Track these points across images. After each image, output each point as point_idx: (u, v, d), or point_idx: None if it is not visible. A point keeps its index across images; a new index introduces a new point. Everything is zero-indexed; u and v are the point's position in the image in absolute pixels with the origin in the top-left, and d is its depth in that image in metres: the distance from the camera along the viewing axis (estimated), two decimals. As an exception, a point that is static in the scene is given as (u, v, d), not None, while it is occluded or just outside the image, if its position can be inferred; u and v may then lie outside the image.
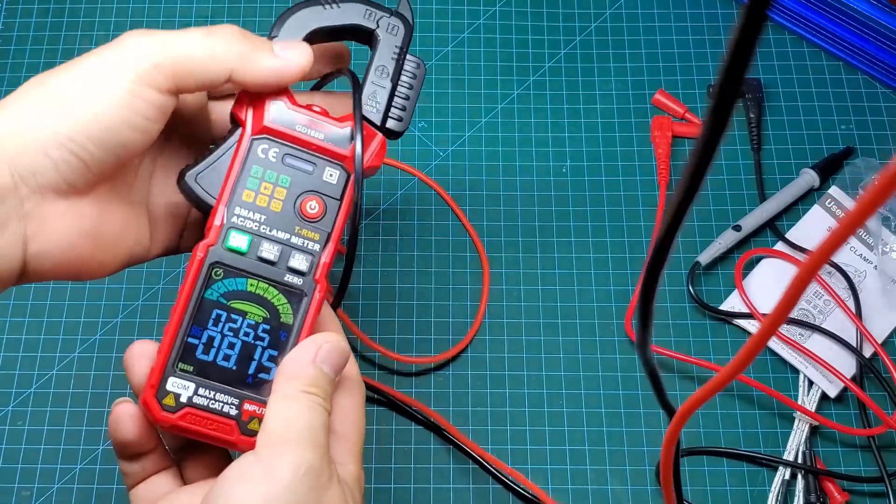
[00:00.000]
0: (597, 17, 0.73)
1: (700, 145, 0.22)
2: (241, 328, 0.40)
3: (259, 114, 0.41)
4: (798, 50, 0.71)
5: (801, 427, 0.59)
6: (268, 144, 0.42)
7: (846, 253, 0.64)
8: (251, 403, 0.40)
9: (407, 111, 0.45)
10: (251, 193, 0.41)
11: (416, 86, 0.45)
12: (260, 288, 0.41)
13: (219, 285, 0.40)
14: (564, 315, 0.62)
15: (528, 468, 0.58)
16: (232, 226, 0.41)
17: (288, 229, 0.41)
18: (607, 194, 0.66)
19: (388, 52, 0.45)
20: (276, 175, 0.41)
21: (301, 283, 0.41)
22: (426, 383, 0.60)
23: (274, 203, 0.41)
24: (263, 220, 0.41)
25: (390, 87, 0.44)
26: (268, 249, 0.41)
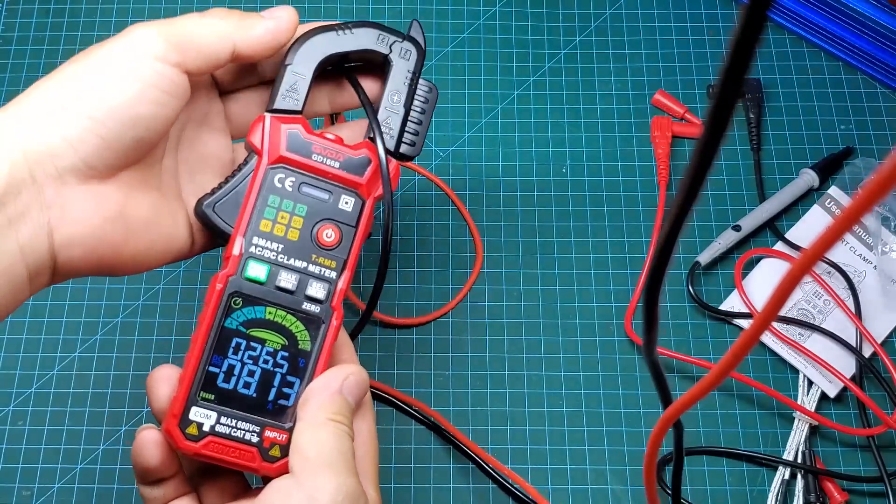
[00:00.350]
0: (597, 17, 0.73)
1: (700, 146, 0.22)
2: (261, 356, 0.41)
3: (275, 142, 0.42)
4: (798, 50, 0.71)
5: (801, 427, 0.59)
6: (284, 173, 0.42)
7: (846, 253, 0.64)
8: (272, 430, 0.41)
9: (420, 136, 0.46)
10: (268, 223, 0.42)
11: (429, 110, 0.46)
12: (278, 315, 0.41)
13: (238, 314, 0.41)
14: (564, 315, 0.63)
15: (528, 468, 0.58)
16: (250, 255, 0.41)
17: (305, 258, 0.42)
18: (607, 194, 0.66)
19: (401, 77, 0.45)
20: (292, 204, 0.42)
21: (318, 310, 0.42)
22: (426, 383, 0.60)
23: (291, 232, 0.42)
24: (281, 250, 0.42)
25: (403, 112, 0.45)
26: (286, 279, 0.41)
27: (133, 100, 0.38)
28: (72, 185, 0.38)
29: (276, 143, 0.42)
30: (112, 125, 0.38)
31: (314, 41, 0.44)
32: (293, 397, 0.41)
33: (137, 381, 0.60)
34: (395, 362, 0.61)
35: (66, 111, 0.38)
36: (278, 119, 0.43)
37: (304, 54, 0.44)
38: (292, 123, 0.43)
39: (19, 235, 0.37)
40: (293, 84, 0.43)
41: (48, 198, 0.37)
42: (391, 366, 0.61)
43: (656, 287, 0.27)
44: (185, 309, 0.62)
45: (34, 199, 0.37)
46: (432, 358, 0.61)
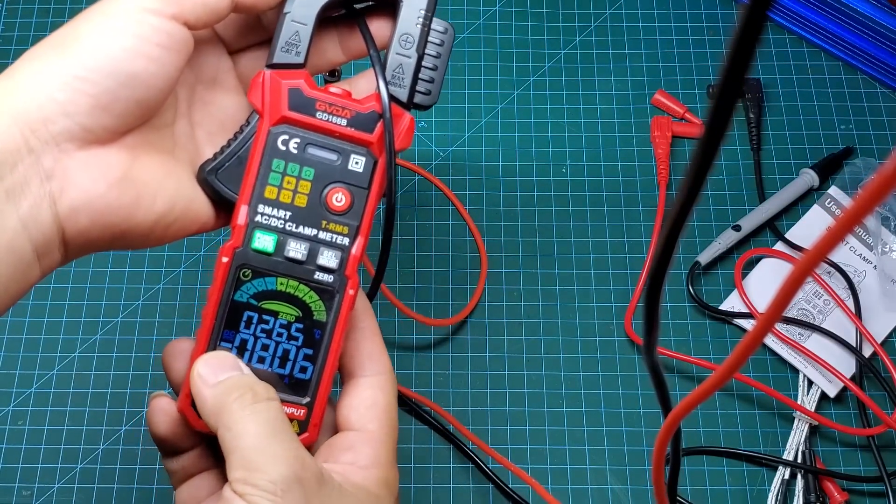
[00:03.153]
0: (597, 17, 0.73)
1: (701, 146, 0.22)
2: (275, 329, 0.39)
3: (276, 100, 0.39)
4: (798, 50, 0.71)
5: (801, 427, 0.59)
6: (288, 134, 0.39)
7: (846, 253, 0.64)
8: (289, 406, 0.39)
9: (435, 83, 0.42)
10: (274, 189, 0.39)
11: (445, 54, 0.42)
12: (290, 286, 0.39)
13: (248, 286, 0.39)
14: (564, 315, 0.63)
15: (528, 468, 0.58)
16: (256, 225, 0.39)
17: (315, 224, 0.39)
18: (607, 194, 0.66)
19: (413, 17, 0.41)
20: (298, 167, 0.39)
21: (332, 280, 0.39)
22: (426, 383, 0.60)
23: (298, 198, 0.39)
24: (288, 217, 0.39)
25: (416, 57, 0.41)
26: (295, 248, 0.39)
27: (124, 55, 0.36)
28: (70, 152, 0.36)
29: (277, 102, 0.39)
30: (103, 83, 0.36)
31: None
32: (311, 370, 0.39)
33: (137, 381, 0.60)
34: (394, 362, 0.61)
35: (54, 73, 0.36)
36: (279, 74, 0.40)
37: (303, 1, 0.40)
38: (294, 79, 0.40)
39: (20, 209, 0.35)
40: (293, 35, 0.40)
41: (47, 167, 0.35)
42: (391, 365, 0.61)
43: (657, 290, 0.27)
44: (185, 309, 0.62)
45: (32, 169, 0.35)
46: (432, 358, 0.61)
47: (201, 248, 0.64)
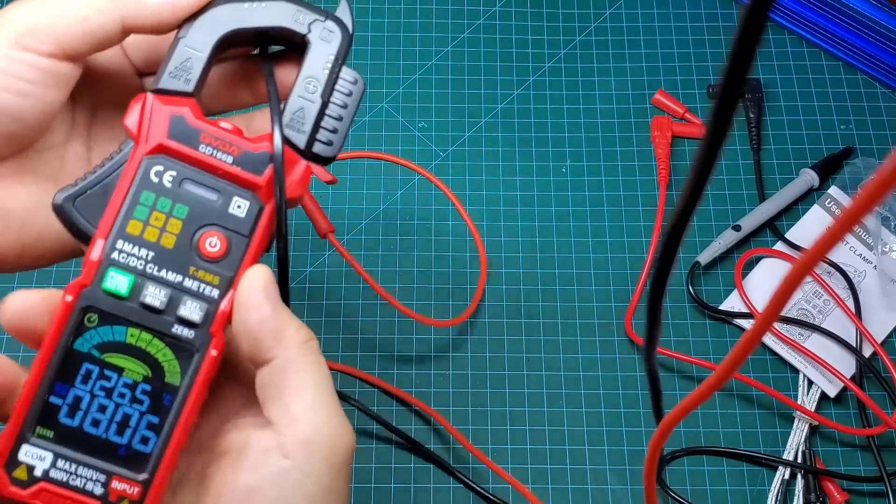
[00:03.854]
0: (597, 17, 0.73)
1: (703, 147, 0.22)
2: (117, 388, 0.34)
3: (155, 127, 0.35)
4: (798, 50, 0.71)
5: (801, 427, 0.59)
6: (163, 165, 0.35)
7: (846, 253, 0.64)
8: (121, 481, 0.33)
9: (339, 133, 0.37)
10: (138, 224, 0.34)
11: (352, 105, 0.38)
12: (142, 339, 0.34)
13: (91, 334, 0.34)
14: (564, 315, 0.63)
15: (528, 468, 0.58)
16: (112, 263, 0.34)
17: (181, 270, 0.34)
18: (607, 194, 0.66)
19: (321, 61, 0.37)
20: (170, 203, 0.35)
21: (192, 336, 0.34)
22: (426, 383, 0.60)
23: (165, 237, 0.34)
24: (151, 258, 0.34)
25: (320, 103, 0.37)
26: (153, 294, 0.34)
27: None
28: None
29: (156, 128, 0.35)
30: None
31: (216, 13, 0.37)
32: (153, 443, 0.34)
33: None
34: (394, 362, 0.61)
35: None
36: (162, 100, 0.35)
37: (201, 27, 0.36)
38: (179, 106, 0.35)
39: None
40: (185, 61, 0.36)
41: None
42: (391, 366, 0.61)
43: (659, 293, 0.27)
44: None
45: None
46: (432, 358, 0.61)
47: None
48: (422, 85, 0.70)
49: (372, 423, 0.59)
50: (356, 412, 0.59)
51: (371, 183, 0.66)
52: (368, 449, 0.58)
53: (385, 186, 0.66)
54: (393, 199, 0.66)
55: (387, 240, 0.64)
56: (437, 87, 0.70)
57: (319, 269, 0.63)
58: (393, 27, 0.72)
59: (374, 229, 0.65)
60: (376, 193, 0.66)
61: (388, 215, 0.65)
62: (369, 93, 0.69)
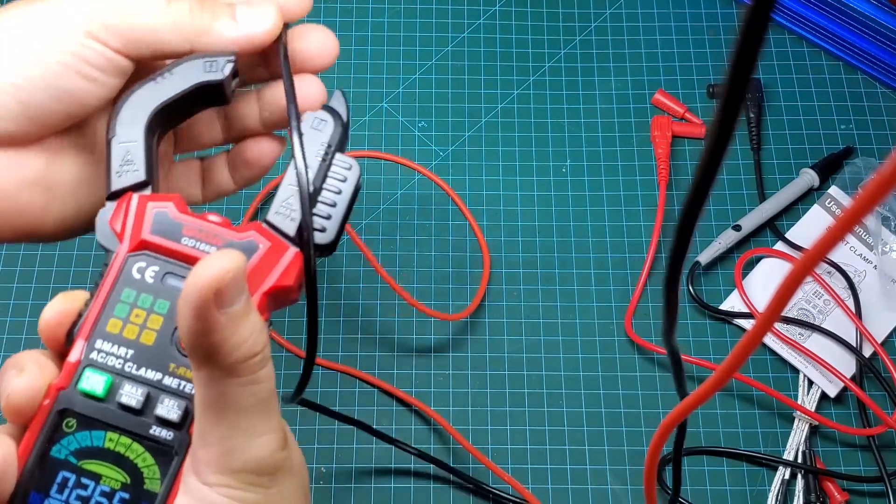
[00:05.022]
0: (597, 17, 0.73)
1: (708, 149, 0.22)
2: (93, 497, 0.32)
3: (138, 224, 0.34)
4: (798, 50, 0.71)
5: (801, 427, 0.59)
6: (146, 261, 0.34)
7: (846, 253, 0.64)
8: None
9: (333, 220, 0.36)
10: (118, 322, 0.33)
11: (347, 190, 0.37)
12: (121, 444, 0.32)
13: (69, 440, 0.32)
14: (564, 315, 0.62)
15: (528, 468, 0.58)
16: (89, 363, 0.33)
17: (160, 367, 0.33)
18: (607, 194, 0.66)
19: (313, 150, 0.37)
20: (151, 299, 0.33)
21: (171, 437, 0.32)
22: (426, 383, 0.60)
23: (145, 334, 0.33)
24: (130, 356, 0.33)
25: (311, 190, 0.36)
26: (129, 393, 0.32)
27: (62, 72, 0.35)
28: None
29: (138, 226, 0.34)
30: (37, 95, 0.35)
31: (132, 101, 0.36)
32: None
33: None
34: (394, 362, 0.61)
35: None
36: (147, 197, 0.35)
37: (125, 120, 0.36)
38: (164, 201, 0.35)
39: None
40: (125, 156, 0.35)
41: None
42: (391, 366, 0.61)
43: (677, 269, 0.26)
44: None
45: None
46: (432, 358, 0.61)
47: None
48: (422, 85, 0.70)
49: (372, 422, 0.59)
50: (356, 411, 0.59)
51: (371, 183, 0.66)
52: (368, 449, 0.58)
53: (385, 186, 0.66)
54: (393, 199, 0.66)
55: (387, 239, 0.64)
56: (437, 87, 0.70)
57: (319, 270, 0.63)
58: (393, 27, 0.72)
59: (375, 229, 0.65)
60: (376, 193, 0.66)
61: (389, 215, 0.65)
62: (369, 93, 0.69)
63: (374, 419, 0.59)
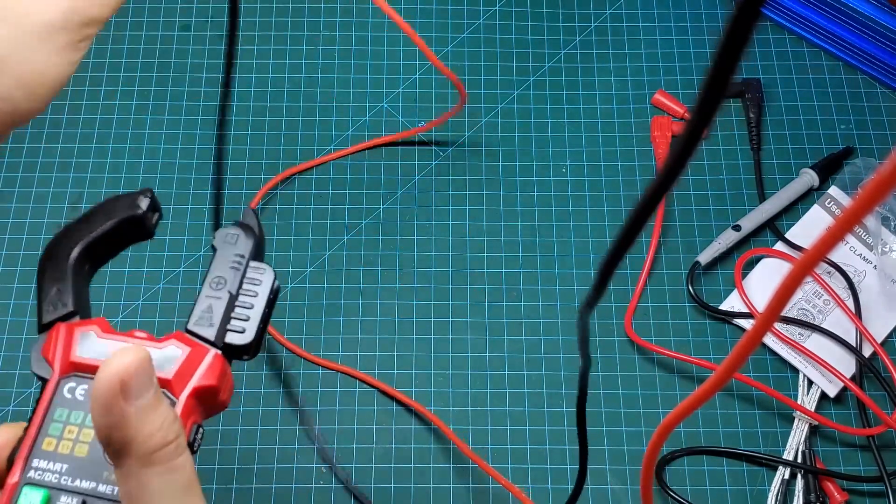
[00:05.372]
0: (597, 17, 0.73)
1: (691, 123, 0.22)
2: None
3: (66, 350, 0.36)
4: (798, 50, 0.71)
5: (801, 427, 0.59)
6: (76, 382, 0.36)
7: (846, 253, 0.64)
8: None
9: (251, 321, 0.38)
10: (53, 440, 0.35)
11: (263, 292, 0.39)
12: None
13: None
14: (564, 315, 0.62)
15: (528, 468, 0.58)
16: (27, 481, 0.34)
17: (94, 477, 0.34)
18: (607, 194, 0.66)
19: (226, 261, 0.39)
20: (83, 415, 0.35)
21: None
22: (426, 383, 0.60)
23: (79, 447, 0.34)
24: (65, 470, 0.34)
25: (227, 297, 0.38)
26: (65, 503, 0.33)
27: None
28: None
29: (67, 351, 0.36)
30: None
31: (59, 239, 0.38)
32: None
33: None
34: (394, 362, 0.61)
35: None
36: (73, 325, 0.37)
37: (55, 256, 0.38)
38: (89, 325, 0.37)
39: None
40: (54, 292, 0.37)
41: None
42: (391, 365, 0.61)
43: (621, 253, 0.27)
44: (184, 309, 0.62)
45: None
46: (432, 358, 0.61)
47: (201, 248, 0.64)
48: (422, 85, 0.70)
49: (372, 422, 0.59)
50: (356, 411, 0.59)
51: (371, 182, 0.66)
52: (369, 449, 0.58)
53: (385, 186, 0.66)
54: (393, 199, 0.66)
55: (387, 240, 0.64)
56: (437, 87, 0.70)
57: (319, 269, 0.63)
58: (393, 27, 0.72)
59: (374, 229, 0.65)
60: (376, 193, 0.66)
61: (389, 215, 0.65)
62: (369, 93, 0.69)
63: (373, 419, 0.59)
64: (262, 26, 0.72)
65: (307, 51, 0.71)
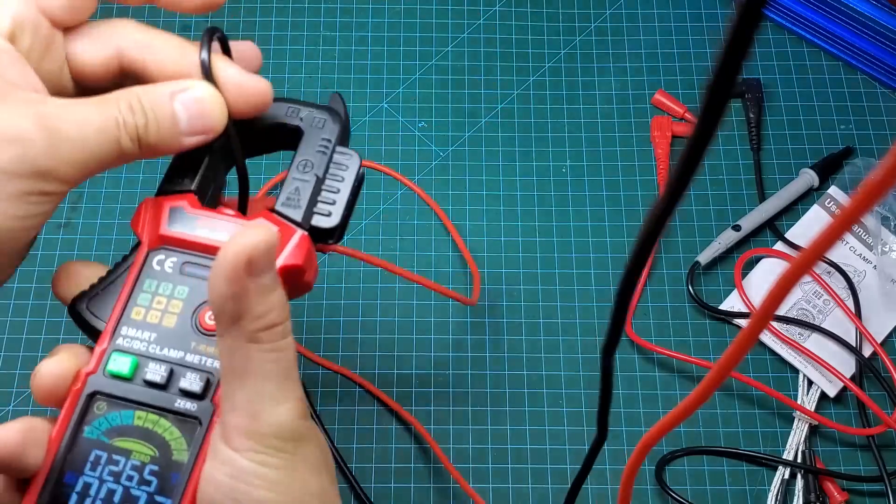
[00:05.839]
0: (597, 17, 0.73)
1: (696, 131, 0.21)
2: (124, 471, 0.34)
3: (156, 222, 0.37)
4: (798, 50, 0.71)
5: (801, 427, 0.59)
6: (164, 255, 0.37)
7: (846, 252, 0.64)
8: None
9: (337, 204, 0.39)
10: (141, 310, 0.36)
11: (349, 177, 0.39)
12: (149, 420, 0.34)
13: (100, 421, 0.34)
14: (564, 315, 0.63)
15: (528, 468, 0.58)
16: (116, 348, 0.35)
17: (182, 346, 0.35)
18: (607, 194, 0.66)
19: (314, 145, 0.39)
20: (171, 287, 0.36)
21: (195, 408, 0.34)
22: (426, 383, 0.60)
23: (167, 318, 0.36)
24: (153, 339, 0.35)
25: (314, 179, 0.38)
26: (154, 370, 0.34)
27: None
28: None
29: (156, 223, 0.37)
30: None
31: None
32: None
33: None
34: (394, 362, 0.61)
35: None
36: (163, 199, 0.37)
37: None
38: (178, 199, 0.37)
39: None
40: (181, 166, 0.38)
41: None
42: (391, 366, 0.61)
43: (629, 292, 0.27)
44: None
45: None
46: (432, 358, 0.61)
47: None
48: (422, 85, 0.70)
49: (371, 422, 0.59)
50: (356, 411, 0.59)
51: (371, 182, 0.66)
52: (368, 449, 0.58)
53: (385, 186, 0.66)
54: (393, 199, 0.66)
55: (387, 240, 0.64)
56: (437, 87, 0.70)
57: (320, 269, 0.63)
58: (393, 27, 0.72)
59: (374, 229, 0.65)
60: (377, 193, 0.66)
61: (389, 215, 0.65)
62: (369, 92, 0.69)
63: (373, 418, 0.59)
64: (262, 26, 0.72)
65: (307, 51, 0.71)
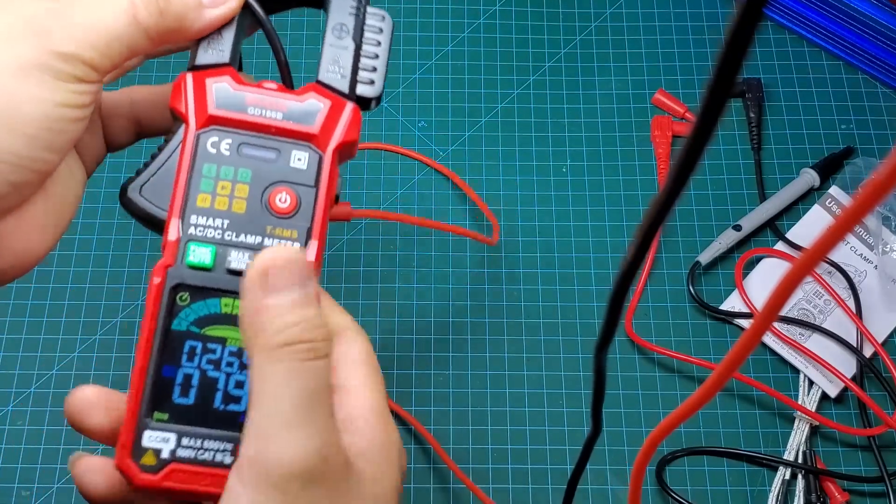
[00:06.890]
0: (597, 16, 0.73)
1: (694, 130, 0.21)
2: (223, 358, 0.34)
3: (201, 102, 0.35)
4: (798, 50, 0.71)
5: (802, 427, 0.59)
6: (218, 136, 0.35)
7: (846, 252, 0.64)
8: None
9: (378, 72, 0.38)
10: (207, 197, 0.35)
11: (385, 41, 0.38)
12: (237, 307, 0.34)
13: (187, 312, 0.34)
14: (564, 315, 0.62)
15: (528, 468, 0.58)
16: (190, 238, 0.34)
17: (258, 231, 0.35)
18: (607, 194, 0.66)
19: (345, 7, 0.38)
20: (233, 170, 0.35)
21: None
22: (426, 383, 0.60)
23: (236, 203, 0.35)
24: (227, 226, 0.34)
25: (353, 46, 0.37)
26: (237, 259, 0.34)
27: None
28: None
29: (202, 103, 0.35)
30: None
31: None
32: None
33: (137, 382, 0.60)
34: (393, 364, 0.61)
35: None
36: (202, 74, 0.36)
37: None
38: (219, 76, 0.36)
39: None
40: (215, 34, 0.37)
41: None
42: (391, 366, 0.61)
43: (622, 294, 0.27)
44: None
45: None
46: (432, 358, 0.61)
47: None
48: (422, 85, 0.70)
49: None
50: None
51: (371, 182, 0.66)
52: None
53: (385, 186, 0.66)
54: (393, 198, 0.66)
55: (387, 239, 0.64)
56: (437, 87, 0.70)
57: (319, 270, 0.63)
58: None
59: (375, 228, 0.65)
60: (377, 192, 0.66)
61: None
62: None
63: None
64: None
65: (307, 51, 0.71)
